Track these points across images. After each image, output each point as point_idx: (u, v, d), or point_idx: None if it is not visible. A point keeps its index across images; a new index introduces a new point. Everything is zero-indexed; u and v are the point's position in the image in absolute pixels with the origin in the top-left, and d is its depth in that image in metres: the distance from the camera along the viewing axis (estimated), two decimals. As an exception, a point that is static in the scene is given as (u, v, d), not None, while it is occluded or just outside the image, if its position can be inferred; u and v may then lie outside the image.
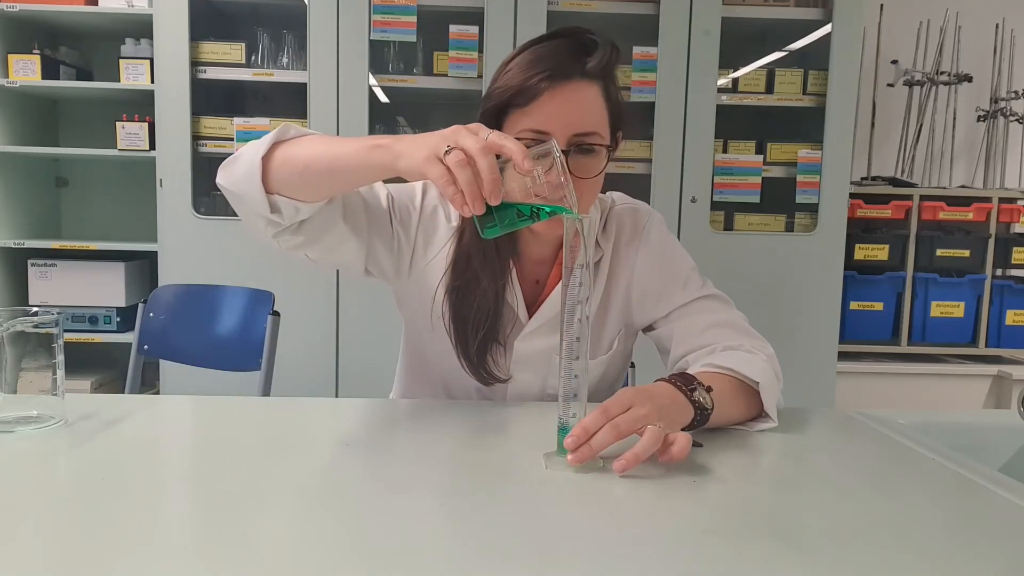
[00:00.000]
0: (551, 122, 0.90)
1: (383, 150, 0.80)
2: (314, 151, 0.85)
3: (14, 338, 0.82)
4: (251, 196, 0.88)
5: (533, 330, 1.04)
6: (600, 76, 0.93)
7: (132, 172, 2.82)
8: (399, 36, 2.39)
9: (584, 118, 0.91)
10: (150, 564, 0.53)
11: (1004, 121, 2.98)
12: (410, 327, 1.12)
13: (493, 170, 0.71)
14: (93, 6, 2.50)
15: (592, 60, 0.91)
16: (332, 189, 0.90)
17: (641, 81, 2.42)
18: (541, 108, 0.90)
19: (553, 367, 1.05)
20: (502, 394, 1.08)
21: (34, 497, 0.66)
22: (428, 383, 1.12)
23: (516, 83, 0.90)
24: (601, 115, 0.93)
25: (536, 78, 0.89)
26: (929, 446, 0.87)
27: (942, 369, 2.70)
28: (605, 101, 0.94)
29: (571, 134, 0.91)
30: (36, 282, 2.59)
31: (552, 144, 0.75)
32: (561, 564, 0.56)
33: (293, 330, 1.87)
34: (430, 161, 0.73)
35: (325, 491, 0.69)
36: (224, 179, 0.92)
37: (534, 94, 0.89)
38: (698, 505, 0.68)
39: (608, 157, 0.96)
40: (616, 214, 1.10)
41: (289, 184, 0.87)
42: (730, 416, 0.89)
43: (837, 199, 2.47)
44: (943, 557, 0.59)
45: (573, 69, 0.90)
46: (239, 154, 0.91)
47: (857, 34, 2.46)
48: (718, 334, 1.00)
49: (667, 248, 1.09)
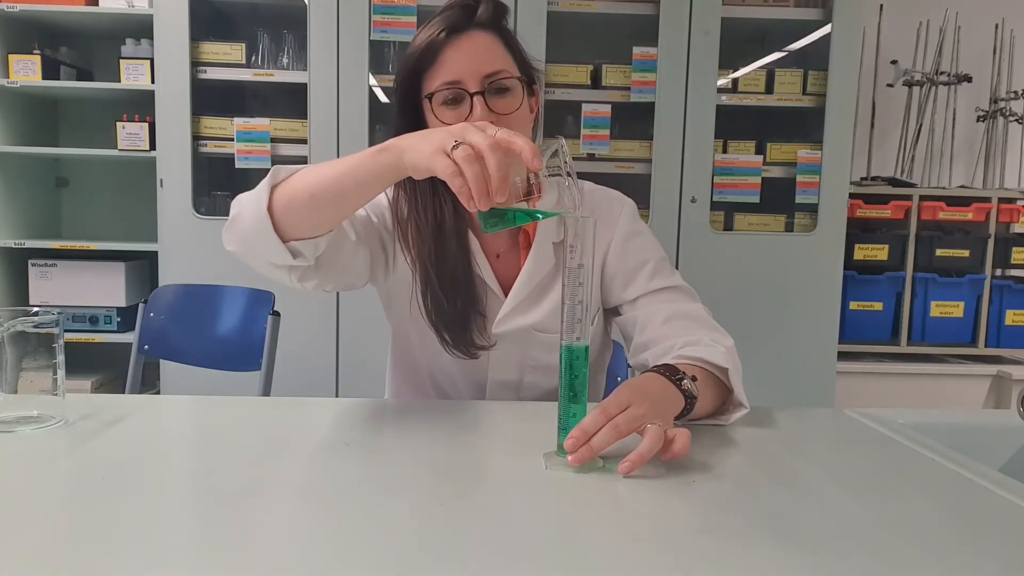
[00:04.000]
0: (460, 70, 0.97)
1: (387, 152, 0.80)
2: (316, 179, 0.85)
3: (14, 338, 0.82)
4: (268, 251, 0.87)
5: (511, 310, 1.07)
6: (492, 26, 1.00)
7: (132, 172, 2.82)
8: (399, 36, 2.39)
9: (488, 59, 0.98)
10: (150, 564, 0.53)
11: (1004, 121, 2.98)
12: (397, 328, 1.15)
13: (502, 167, 0.72)
14: (93, 6, 2.50)
15: (481, 9, 0.99)
16: (344, 211, 0.90)
17: (641, 81, 2.42)
18: (447, 60, 0.97)
19: (533, 341, 1.07)
20: (484, 373, 1.09)
21: (34, 497, 0.66)
22: (416, 382, 1.15)
23: (420, 45, 0.98)
24: (504, 56, 1.00)
25: (436, 34, 0.97)
26: (929, 446, 0.87)
27: (942, 369, 2.70)
28: (505, 47, 1.01)
29: (480, 76, 0.97)
30: (36, 282, 2.59)
31: (560, 143, 0.75)
32: (561, 564, 0.56)
33: (293, 330, 1.87)
34: (437, 155, 0.74)
35: (325, 491, 0.69)
36: (232, 244, 0.91)
37: (437, 49, 0.97)
38: (698, 504, 0.68)
39: (525, 95, 1.01)
40: (591, 195, 1.14)
41: (301, 223, 0.86)
42: (703, 405, 0.89)
43: (837, 199, 2.47)
44: (943, 557, 0.59)
45: (466, 22, 0.98)
46: (237, 213, 0.89)
47: (857, 34, 2.46)
48: (680, 325, 1.01)
49: (640, 234, 1.12)
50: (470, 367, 1.09)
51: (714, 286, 2.34)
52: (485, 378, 1.10)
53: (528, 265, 1.07)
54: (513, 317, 1.07)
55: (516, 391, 1.11)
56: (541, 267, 1.07)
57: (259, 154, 2.40)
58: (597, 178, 1.19)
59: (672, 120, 2.42)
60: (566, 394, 0.77)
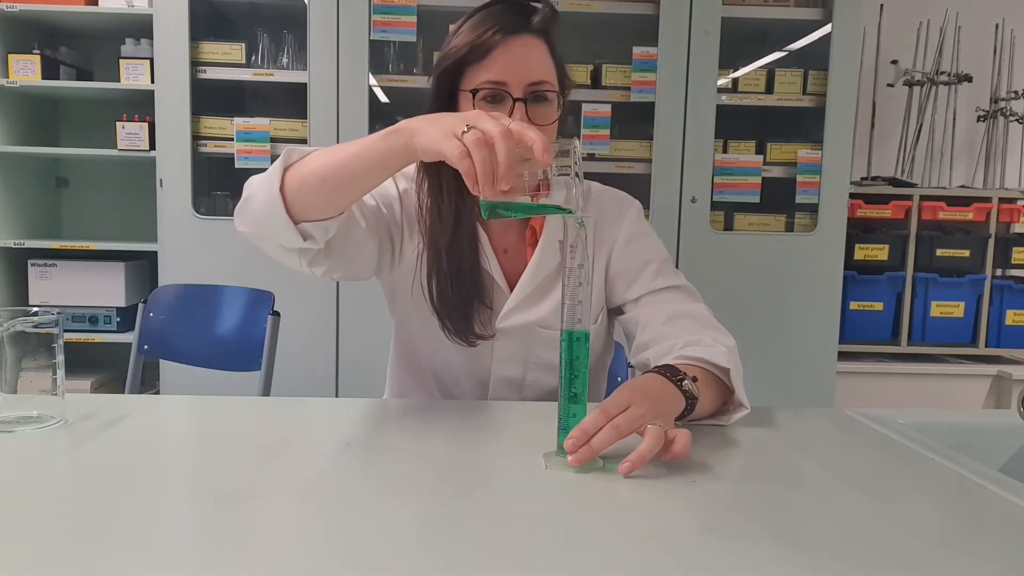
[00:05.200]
0: (507, 72, 0.96)
1: (397, 134, 0.80)
2: (327, 161, 0.85)
3: (14, 338, 0.82)
4: (279, 232, 0.88)
5: (514, 305, 1.07)
6: (544, 33, 1.00)
7: (132, 172, 2.82)
8: (399, 36, 2.39)
9: (536, 68, 0.98)
10: (150, 564, 0.53)
11: (1004, 121, 2.98)
12: (400, 323, 1.15)
13: (511, 155, 0.72)
14: (93, 6, 2.50)
15: (536, 16, 0.99)
16: (355, 193, 0.89)
17: (641, 81, 2.41)
18: (496, 61, 0.96)
19: (536, 337, 1.08)
20: (487, 369, 1.09)
21: (34, 497, 0.66)
22: (419, 379, 1.14)
23: (469, 40, 0.97)
24: (549, 67, 1.01)
25: (488, 33, 0.96)
26: (929, 446, 0.87)
27: (942, 369, 2.70)
28: (551, 56, 1.01)
29: (526, 83, 0.97)
30: (36, 282, 2.59)
31: (574, 144, 0.75)
32: (561, 564, 0.56)
33: (293, 330, 1.87)
34: (447, 138, 0.74)
35: (325, 491, 0.69)
36: (244, 225, 0.91)
37: (488, 48, 0.96)
38: (698, 504, 0.68)
39: (559, 108, 1.02)
40: (598, 195, 1.15)
41: (312, 204, 0.86)
42: (704, 406, 0.89)
43: (837, 199, 2.47)
44: (943, 557, 0.59)
45: (521, 25, 0.98)
46: (250, 195, 0.90)
47: (857, 34, 2.46)
48: (682, 325, 1.01)
49: (644, 234, 1.13)
50: (474, 364, 1.09)
51: (714, 286, 2.33)
52: (488, 375, 1.10)
53: (534, 261, 1.07)
54: (517, 313, 1.07)
55: (519, 389, 1.11)
56: (546, 264, 1.07)
57: (259, 154, 2.40)
58: (597, 178, 1.19)
59: (672, 120, 2.42)
60: (566, 394, 0.77)
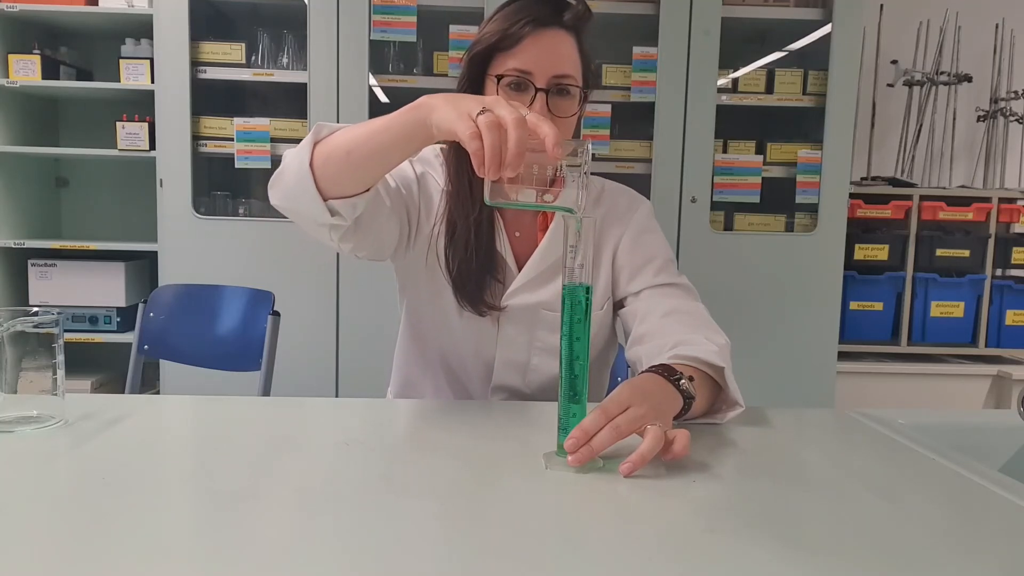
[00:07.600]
0: (534, 63, 0.99)
1: (418, 109, 0.82)
2: (352, 136, 0.87)
3: (14, 338, 0.82)
4: (309, 207, 0.90)
5: (520, 285, 1.09)
6: (575, 29, 1.02)
7: (132, 172, 2.81)
8: (399, 36, 2.39)
9: (563, 61, 1.00)
10: (150, 564, 0.53)
11: (1004, 121, 2.98)
12: (411, 306, 1.17)
13: (521, 143, 0.73)
14: (93, 6, 2.50)
15: (568, 13, 1.02)
16: (379, 168, 0.91)
17: (641, 81, 2.42)
18: (525, 50, 0.99)
19: (540, 320, 1.10)
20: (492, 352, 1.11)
21: (34, 497, 0.66)
22: (426, 362, 1.16)
23: (502, 28, 1.00)
24: (576, 63, 1.02)
25: (520, 23, 0.99)
26: (929, 446, 0.87)
27: (942, 369, 2.70)
28: (579, 53, 1.03)
29: (552, 75, 0.99)
30: (36, 282, 2.59)
31: (586, 145, 0.75)
32: (561, 564, 0.56)
33: (293, 330, 1.87)
34: (462, 118, 0.76)
35: (325, 491, 0.69)
36: (278, 198, 0.94)
37: (519, 38, 0.99)
38: (698, 504, 0.68)
39: (581, 103, 1.04)
40: (611, 191, 1.18)
41: (339, 180, 0.89)
42: (699, 405, 0.89)
43: (837, 199, 2.47)
44: (943, 557, 0.59)
45: (553, 18, 1.00)
46: (284, 167, 0.92)
47: (857, 34, 2.46)
48: (678, 320, 1.03)
49: (652, 232, 1.16)
50: (480, 345, 1.11)
51: (714, 286, 2.33)
52: (493, 357, 1.12)
53: (543, 245, 1.10)
54: (523, 292, 1.09)
55: (523, 373, 1.12)
56: (555, 249, 1.09)
57: (259, 154, 2.40)
58: (597, 178, 1.19)
59: (672, 120, 2.42)
60: (566, 394, 0.77)
